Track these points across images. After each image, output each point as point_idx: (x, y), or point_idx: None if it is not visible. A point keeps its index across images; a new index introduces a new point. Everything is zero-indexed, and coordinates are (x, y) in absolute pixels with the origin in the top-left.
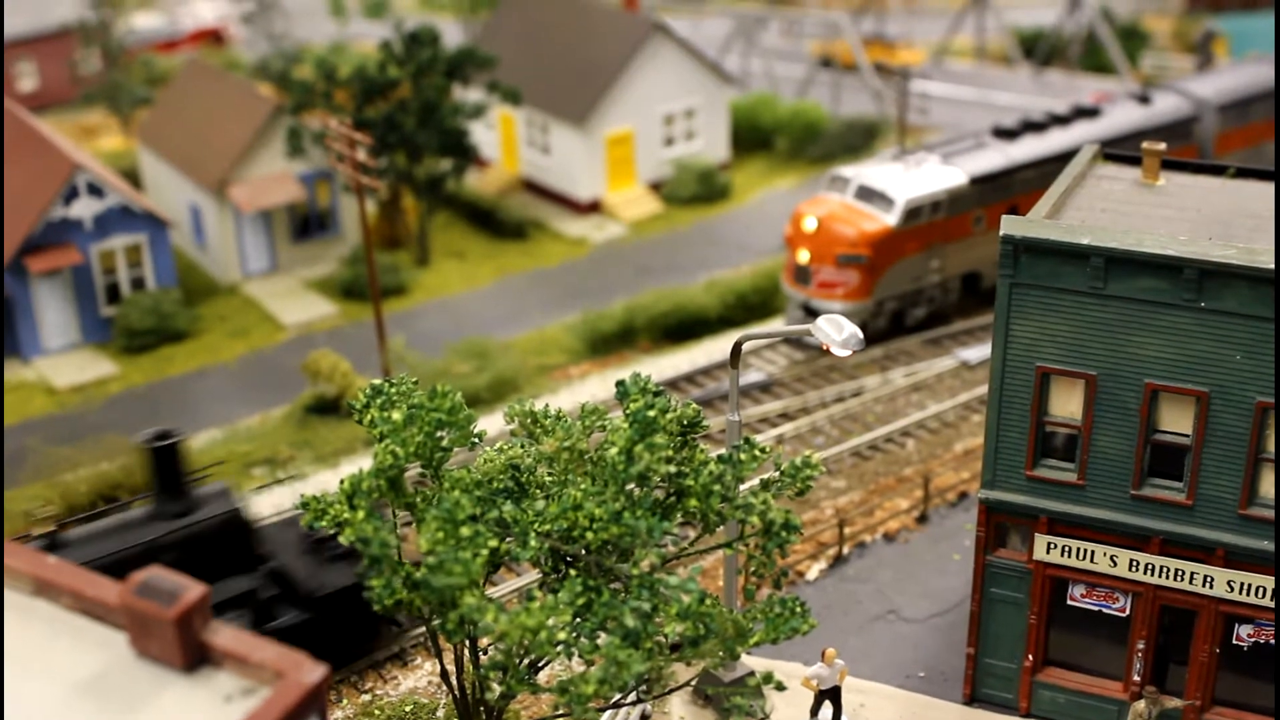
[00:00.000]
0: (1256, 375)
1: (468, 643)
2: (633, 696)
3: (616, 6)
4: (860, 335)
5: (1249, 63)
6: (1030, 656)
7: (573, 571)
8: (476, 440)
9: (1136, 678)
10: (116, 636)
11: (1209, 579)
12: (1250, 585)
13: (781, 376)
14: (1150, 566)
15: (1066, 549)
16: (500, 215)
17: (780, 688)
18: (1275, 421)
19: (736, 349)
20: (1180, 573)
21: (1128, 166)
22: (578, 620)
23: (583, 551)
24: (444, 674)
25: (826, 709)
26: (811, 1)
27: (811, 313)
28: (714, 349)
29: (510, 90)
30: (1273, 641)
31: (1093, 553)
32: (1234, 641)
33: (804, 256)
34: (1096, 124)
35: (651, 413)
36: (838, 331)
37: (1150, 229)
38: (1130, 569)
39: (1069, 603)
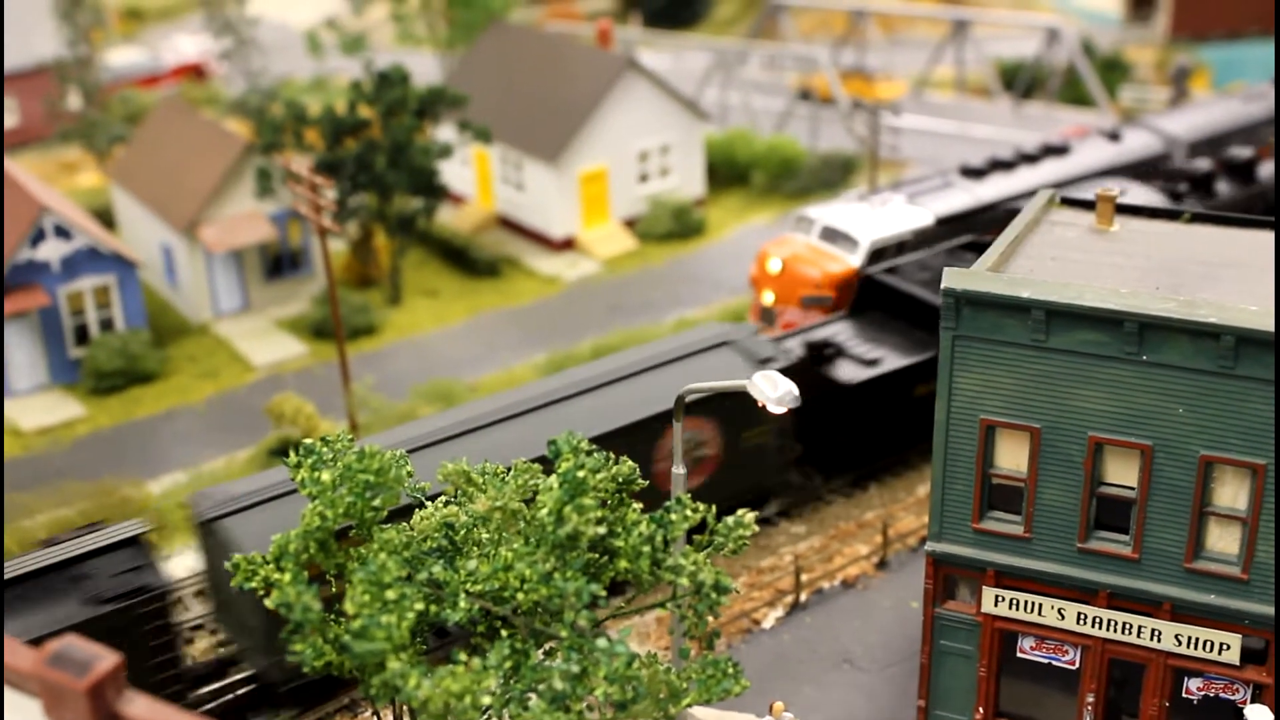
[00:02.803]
0: (1199, 429)
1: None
2: None
3: (590, 43)
4: (796, 392)
5: (1222, 98)
6: (981, 709)
7: (504, 633)
8: (419, 496)
9: None
10: (32, 704)
11: (1156, 632)
12: (1198, 639)
13: None
14: (1098, 620)
15: (1015, 602)
16: (473, 253)
17: None
18: (1275, 481)
19: (679, 401)
20: (1128, 626)
21: (1083, 211)
22: (507, 683)
23: (514, 613)
24: None
25: None
26: (792, 35)
27: None
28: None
29: (480, 129)
30: (1223, 695)
31: (1041, 606)
32: (1184, 695)
33: (768, 298)
34: (1065, 162)
35: (581, 473)
36: (773, 389)
37: (1098, 277)
38: (1078, 622)
39: (1019, 655)
